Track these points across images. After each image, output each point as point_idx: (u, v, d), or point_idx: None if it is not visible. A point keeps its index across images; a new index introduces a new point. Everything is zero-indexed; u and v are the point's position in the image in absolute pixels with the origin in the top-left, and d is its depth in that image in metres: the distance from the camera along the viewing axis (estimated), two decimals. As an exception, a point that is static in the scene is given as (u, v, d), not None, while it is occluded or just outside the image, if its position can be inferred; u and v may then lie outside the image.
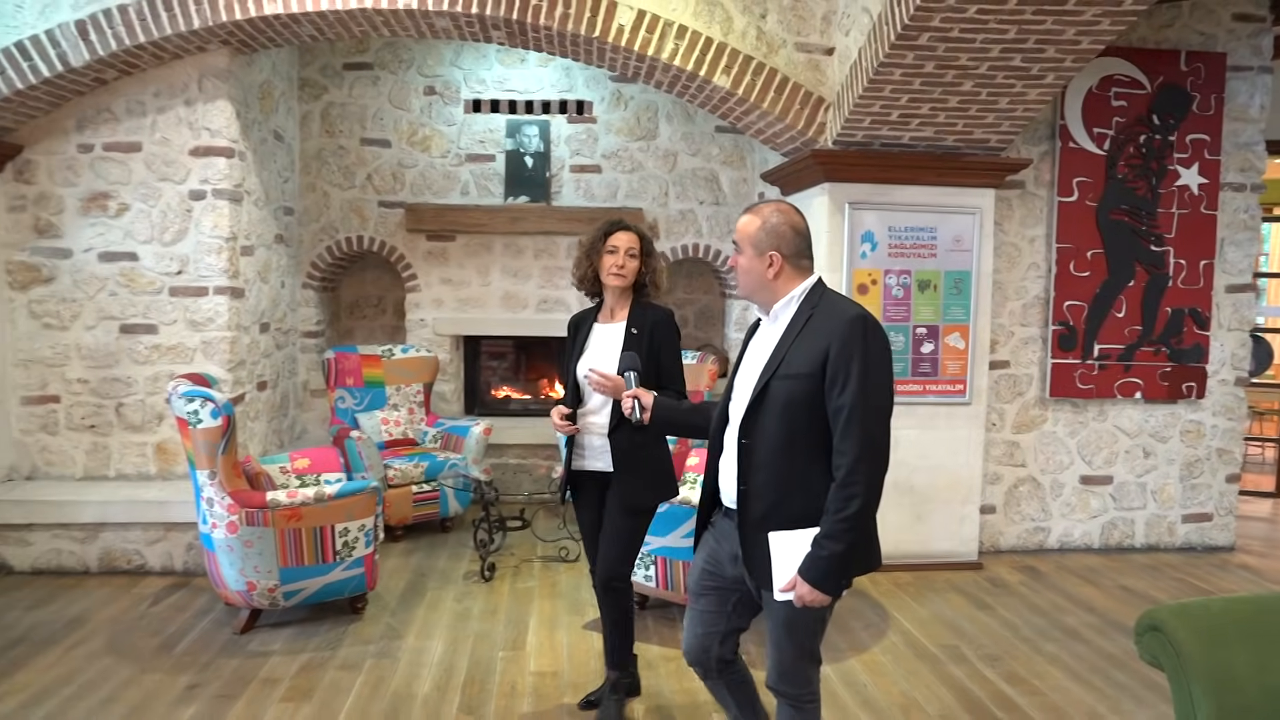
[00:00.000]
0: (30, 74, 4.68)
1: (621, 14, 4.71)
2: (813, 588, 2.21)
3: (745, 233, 2.40)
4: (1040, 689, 3.70)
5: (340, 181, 6.44)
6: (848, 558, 2.21)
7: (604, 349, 3.26)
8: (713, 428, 2.53)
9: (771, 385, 2.29)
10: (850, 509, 2.17)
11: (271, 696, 3.54)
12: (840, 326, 2.23)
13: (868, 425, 2.18)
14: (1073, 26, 3.98)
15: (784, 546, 2.25)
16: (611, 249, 3.25)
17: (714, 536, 2.53)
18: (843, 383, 2.19)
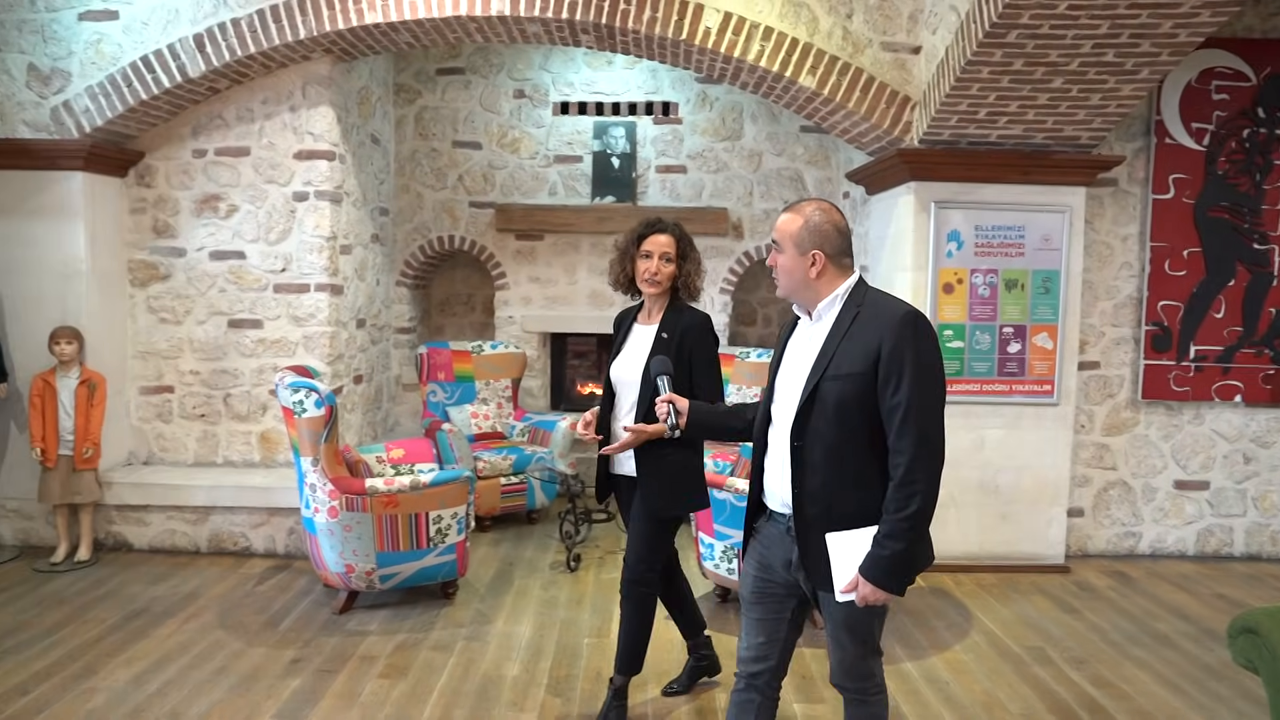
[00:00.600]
0: (153, 85, 4.99)
1: (708, 16, 4.79)
2: (876, 587, 2.20)
3: (787, 231, 2.35)
4: (1128, 694, 3.65)
5: (433, 183, 6.66)
6: (910, 555, 2.20)
7: (637, 352, 3.20)
8: (755, 430, 2.49)
9: (822, 386, 2.25)
10: (911, 507, 2.16)
11: (369, 673, 3.72)
12: (891, 325, 2.20)
13: (924, 423, 2.17)
14: (1170, 20, 3.91)
15: (843, 547, 2.25)
16: (646, 253, 3.17)
17: (761, 543, 2.49)
18: (896, 381, 2.18)
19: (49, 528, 5.23)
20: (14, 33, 5.03)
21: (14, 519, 5.27)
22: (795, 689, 3.62)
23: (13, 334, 5.16)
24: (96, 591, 4.61)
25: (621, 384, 3.23)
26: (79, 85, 5.04)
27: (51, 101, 5.06)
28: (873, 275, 5.65)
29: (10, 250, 5.12)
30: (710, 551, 4.34)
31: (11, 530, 5.28)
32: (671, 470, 3.15)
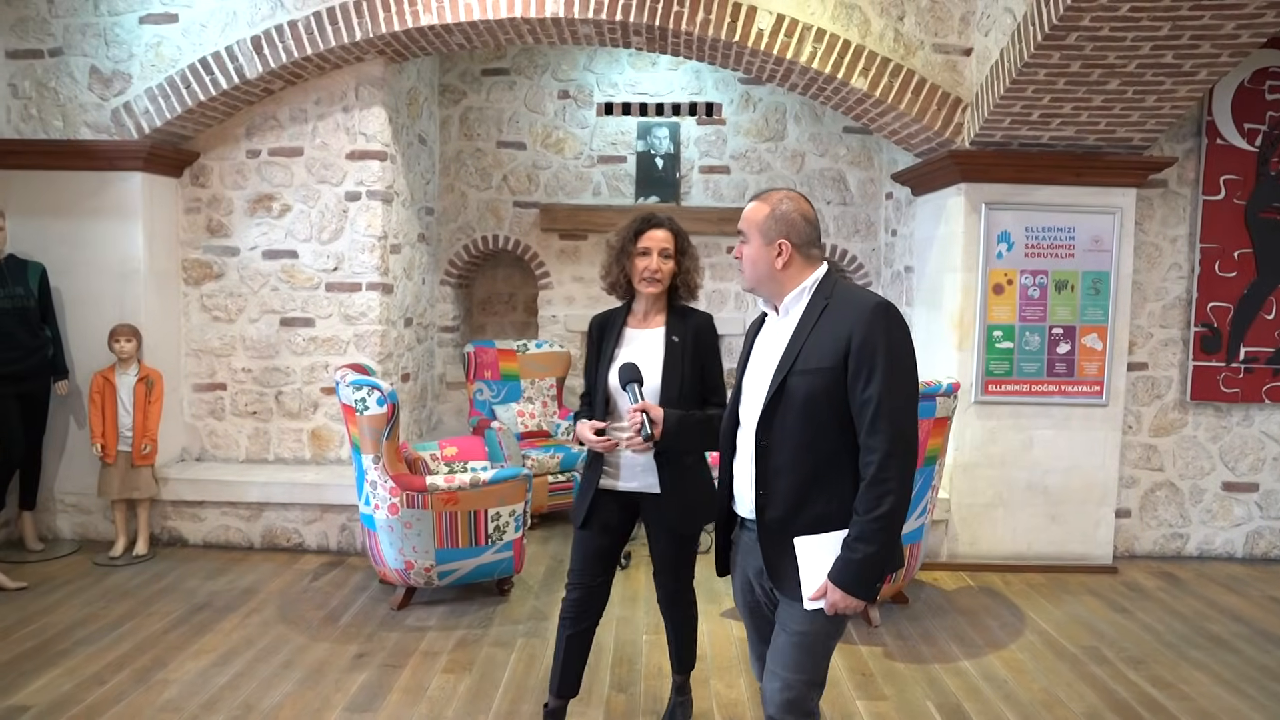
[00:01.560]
0: (211, 87, 5.06)
1: (761, 18, 4.82)
2: (846, 594, 2.10)
3: (753, 220, 2.27)
4: (1189, 694, 3.66)
5: (477, 182, 6.72)
6: (882, 559, 2.10)
7: (642, 358, 2.91)
8: (722, 432, 2.40)
9: (789, 381, 2.16)
10: (883, 507, 2.06)
11: (434, 667, 3.77)
12: (861, 316, 2.11)
13: (896, 419, 2.08)
14: (1233, 21, 3.91)
15: (811, 552, 2.15)
16: (644, 250, 2.95)
17: (740, 554, 2.41)
18: (867, 375, 2.09)
19: (106, 522, 5.32)
20: (77, 36, 5.11)
21: (72, 513, 5.37)
22: (856, 686, 3.66)
23: (71, 332, 5.25)
24: (157, 585, 4.69)
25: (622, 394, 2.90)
26: (139, 87, 5.12)
27: (112, 103, 5.15)
28: (920, 276, 5.67)
29: (70, 250, 5.20)
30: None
31: (70, 525, 5.37)
32: (699, 484, 3.02)
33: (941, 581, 4.94)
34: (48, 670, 3.68)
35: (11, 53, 5.14)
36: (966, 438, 5.07)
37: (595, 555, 3.04)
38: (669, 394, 2.85)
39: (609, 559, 3.08)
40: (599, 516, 3.02)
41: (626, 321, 3.03)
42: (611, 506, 3.02)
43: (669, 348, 2.93)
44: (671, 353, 2.92)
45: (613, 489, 3.01)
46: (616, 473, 2.99)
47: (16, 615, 4.25)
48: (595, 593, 3.07)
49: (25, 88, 5.16)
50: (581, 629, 3.07)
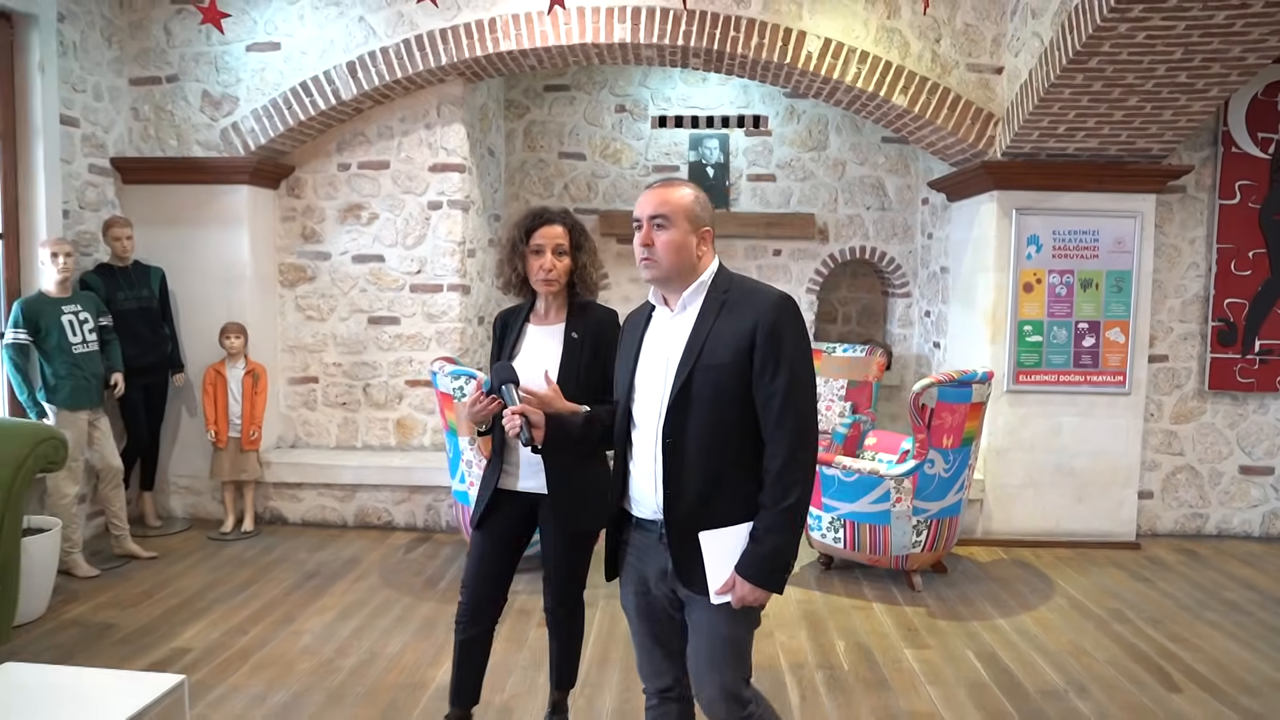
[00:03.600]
0: (310, 107, 5.61)
1: (810, 42, 5.30)
2: (755, 586, 2.10)
3: (680, 204, 2.17)
4: (1202, 648, 4.11)
5: (540, 191, 7.25)
6: (789, 549, 2.11)
7: (541, 354, 2.87)
8: (617, 433, 2.34)
9: (695, 376, 2.13)
10: (790, 498, 2.08)
11: (529, 623, 4.29)
12: (765, 310, 2.12)
13: (802, 411, 2.10)
14: (1239, 45, 4.34)
15: (716, 546, 2.14)
16: (536, 248, 2.83)
17: (635, 555, 2.33)
18: (773, 369, 2.09)
19: (214, 502, 5.89)
20: (191, 64, 5.68)
21: (184, 494, 5.94)
22: (903, 638, 4.14)
23: (184, 330, 5.81)
24: (268, 557, 5.24)
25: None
26: (245, 109, 5.68)
27: (221, 123, 5.71)
28: (955, 276, 6.12)
29: (184, 255, 5.77)
30: (818, 523, 4.85)
31: (181, 504, 5.94)
32: (593, 484, 2.87)
33: (976, 555, 5.40)
34: (196, 622, 4.24)
35: (134, 80, 5.72)
36: (999, 424, 5.52)
37: (488, 559, 2.95)
38: (566, 392, 2.62)
39: (503, 563, 2.98)
40: (494, 519, 2.93)
41: (529, 318, 2.95)
42: (508, 508, 2.92)
43: (568, 345, 2.86)
44: (570, 350, 2.85)
45: (511, 489, 2.91)
46: (515, 471, 2.90)
47: (154, 579, 4.81)
48: (487, 599, 2.98)
49: (145, 111, 5.74)
50: (473, 635, 3.00)
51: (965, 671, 3.82)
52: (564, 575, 3.02)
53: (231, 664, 3.81)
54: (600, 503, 2.80)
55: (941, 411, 4.56)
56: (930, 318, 6.81)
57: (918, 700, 3.55)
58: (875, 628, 4.26)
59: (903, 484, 4.58)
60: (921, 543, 4.65)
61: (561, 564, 3.00)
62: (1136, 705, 3.54)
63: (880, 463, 4.80)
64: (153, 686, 2.79)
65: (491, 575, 2.98)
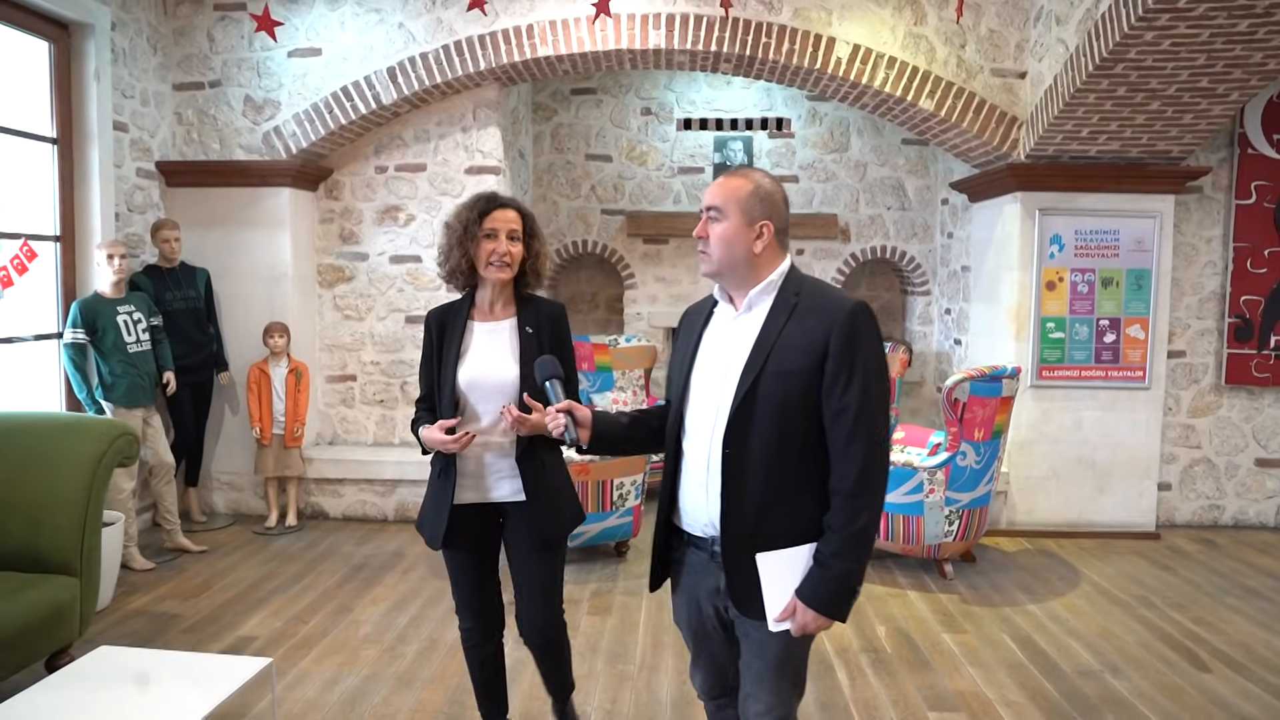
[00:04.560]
0: (351, 112, 5.76)
1: (839, 48, 5.46)
2: (818, 614, 1.97)
3: (733, 195, 2.05)
4: (1227, 631, 4.28)
5: (567, 192, 7.40)
6: (858, 576, 1.98)
7: (491, 353, 2.68)
8: (667, 438, 2.17)
9: (761, 384, 1.98)
10: (861, 520, 1.94)
11: (579, 611, 4.44)
12: (840, 316, 1.97)
13: (875, 427, 1.95)
14: (1261, 51, 4.51)
15: (775, 569, 2.00)
16: (490, 232, 2.63)
17: (687, 574, 2.19)
18: (846, 380, 1.94)
19: (256, 498, 6.04)
20: (234, 70, 5.83)
21: (227, 490, 6.09)
22: (940, 623, 4.30)
23: (228, 329, 5.95)
24: (315, 551, 5.39)
25: (479, 392, 2.65)
26: (287, 113, 5.82)
27: (263, 127, 5.86)
28: (977, 274, 6.29)
29: (228, 257, 5.92)
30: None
31: (224, 500, 6.09)
32: (564, 486, 2.79)
33: (1002, 545, 5.57)
34: (256, 612, 4.39)
35: (178, 85, 5.86)
36: (1023, 418, 5.69)
37: (471, 573, 2.81)
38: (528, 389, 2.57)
39: (488, 574, 2.84)
40: (459, 534, 2.72)
41: (471, 315, 2.73)
42: (469, 523, 2.72)
43: (524, 340, 2.67)
44: (528, 346, 2.65)
45: (473, 503, 2.71)
46: (479, 483, 2.70)
47: (208, 572, 4.96)
48: (491, 610, 2.87)
49: (188, 115, 5.89)
50: (488, 651, 2.92)
51: (1003, 653, 3.98)
52: (543, 597, 2.76)
53: (298, 651, 3.96)
54: (573, 505, 2.79)
55: (973, 405, 4.73)
56: (951, 315, 6.98)
57: (961, 680, 3.72)
58: (913, 613, 4.42)
59: (935, 475, 4.74)
60: (953, 532, 4.82)
61: (538, 583, 2.75)
62: (1169, 684, 3.71)
63: (912, 455, 4.97)
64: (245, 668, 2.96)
65: (482, 588, 2.82)
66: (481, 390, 2.64)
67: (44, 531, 3.52)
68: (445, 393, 2.66)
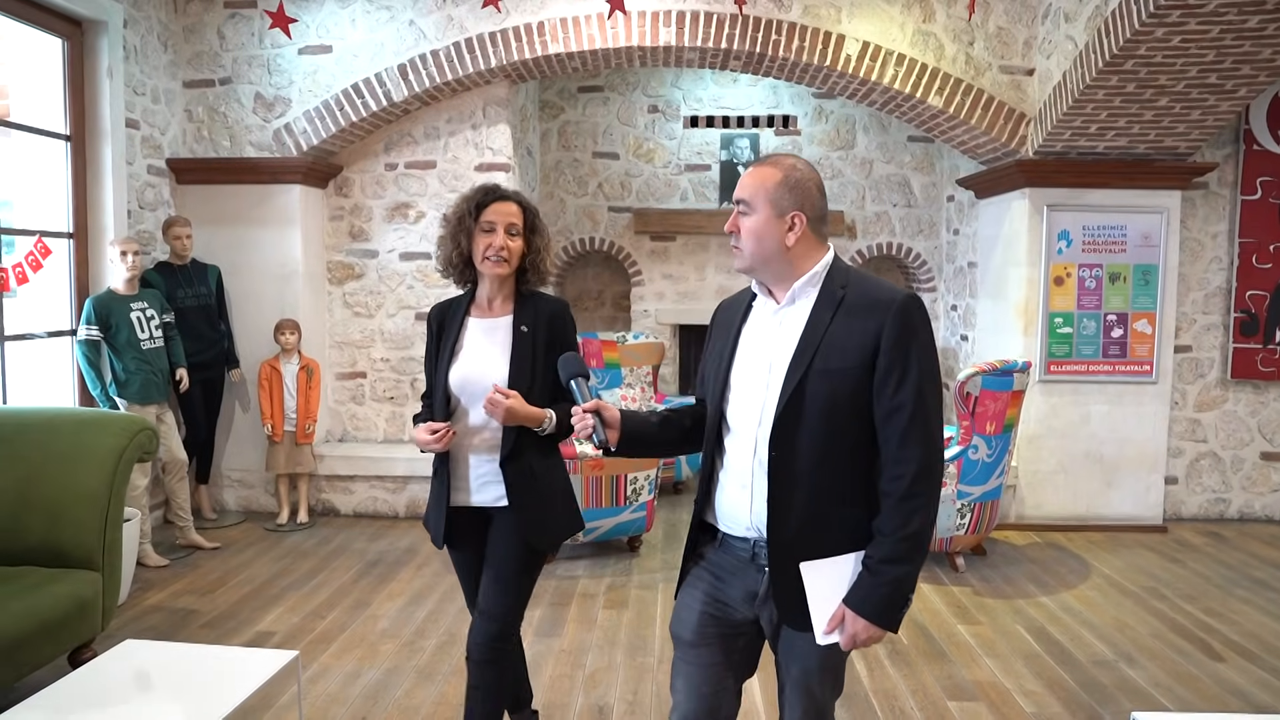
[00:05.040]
0: (362, 109, 5.77)
1: (849, 45, 5.49)
2: (870, 624, 1.86)
3: (762, 186, 1.93)
4: (1238, 621, 4.32)
5: (575, 190, 7.43)
6: (911, 582, 1.88)
7: (485, 351, 2.59)
8: (707, 437, 2.08)
9: (809, 382, 1.87)
10: (914, 524, 1.84)
11: (594, 605, 4.47)
12: (892, 311, 1.86)
13: (930, 427, 1.86)
14: (1270, 47, 4.54)
15: (820, 579, 1.90)
16: (488, 225, 2.53)
17: (714, 573, 2.07)
18: (899, 378, 1.84)
19: (266, 495, 6.05)
20: (244, 67, 5.84)
21: (237, 488, 6.10)
22: (954, 615, 4.33)
23: (238, 326, 5.96)
24: (328, 547, 5.40)
25: (469, 392, 2.56)
26: (298, 110, 5.83)
27: (274, 125, 5.87)
28: (984, 270, 6.32)
29: (238, 254, 5.92)
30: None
31: (235, 497, 6.10)
32: (559, 492, 2.68)
33: (1012, 539, 5.61)
34: (273, 608, 4.41)
35: (188, 82, 5.87)
36: (1031, 412, 5.72)
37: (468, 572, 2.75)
38: (519, 391, 2.48)
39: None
40: (464, 535, 2.67)
41: (469, 311, 2.66)
42: (465, 523, 2.66)
43: (518, 339, 2.57)
44: (520, 345, 2.56)
45: (465, 505, 2.64)
46: (465, 485, 2.62)
47: (223, 569, 4.97)
48: None
49: (199, 113, 5.89)
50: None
51: (1018, 644, 4.01)
52: (507, 604, 2.62)
53: (317, 646, 3.98)
54: (567, 514, 2.68)
55: (985, 399, 4.76)
56: (957, 311, 7.01)
57: (978, 670, 3.75)
58: (927, 605, 4.45)
59: (948, 469, 4.77)
60: (965, 525, 4.85)
61: (508, 588, 2.62)
62: (1184, 673, 3.75)
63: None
64: (271, 661, 2.97)
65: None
66: (472, 390, 2.55)
67: (66, 527, 3.53)
68: (438, 391, 2.60)
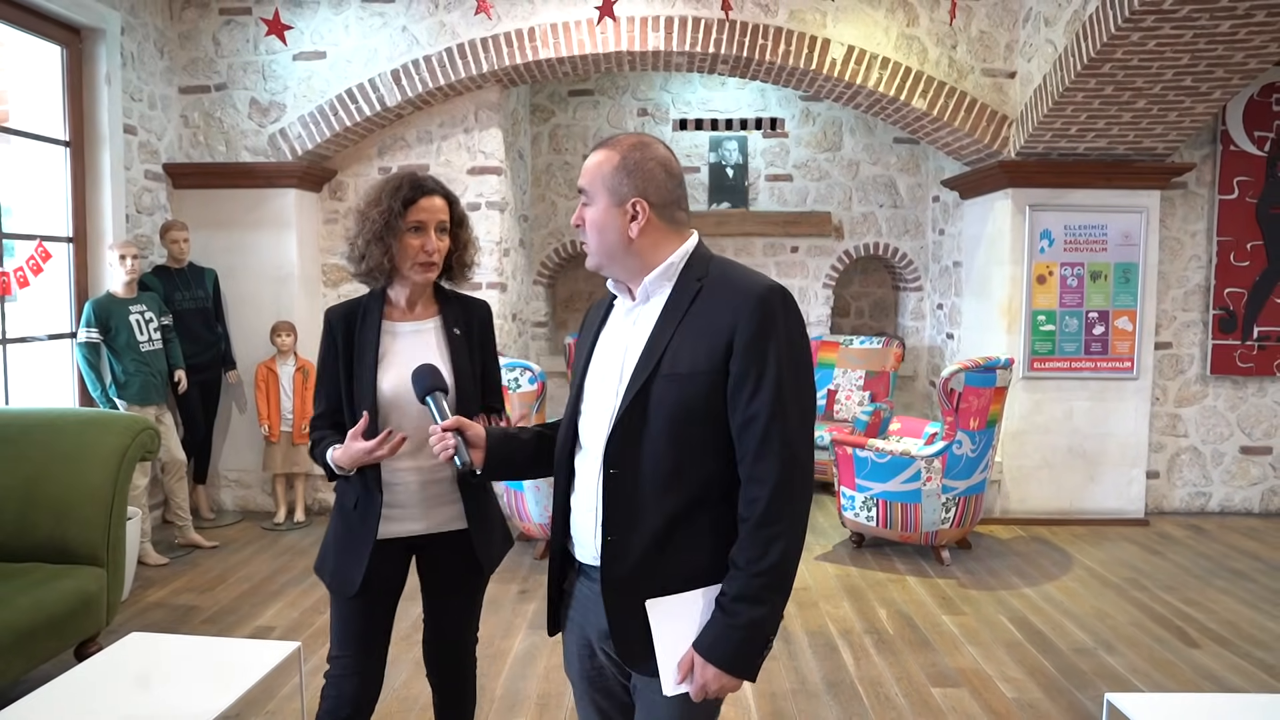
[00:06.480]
0: (356, 113, 5.86)
1: (834, 49, 5.60)
2: (721, 672, 1.58)
3: (598, 173, 1.70)
4: (1215, 610, 4.43)
5: (566, 192, 7.52)
6: (770, 623, 1.59)
7: (418, 356, 2.24)
8: (557, 454, 1.82)
9: (652, 389, 1.63)
10: (772, 556, 1.56)
11: (588, 598, 4.56)
12: (747, 305, 1.61)
13: (790, 441, 1.58)
14: (1242, 52, 4.67)
15: (669, 618, 1.64)
16: (417, 224, 2.23)
17: (577, 609, 1.82)
18: (755, 383, 1.59)
19: (263, 495, 6.13)
20: (239, 73, 5.92)
21: (235, 488, 6.17)
22: (939, 606, 4.44)
23: (234, 329, 6.03)
24: (324, 543, 5.48)
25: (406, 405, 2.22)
26: (292, 115, 5.91)
27: (269, 130, 5.95)
28: (968, 269, 6.44)
29: (235, 257, 6.00)
30: (851, 502, 5.15)
31: (232, 497, 6.18)
32: (492, 511, 2.44)
33: (996, 532, 5.72)
34: (272, 604, 4.49)
35: (184, 88, 5.95)
36: (1015, 409, 5.84)
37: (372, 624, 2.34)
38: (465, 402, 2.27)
39: (388, 626, 2.41)
40: (381, 574, 2.29)
41: (384, 314, 2.32)
42: (383, 561, 2.29)
43: (454, 343, 2.32)
44: (458, 351, 2.31)
45: (398, 536, 2.29)
46: (407, 513, 2.28)
47: (222, 567, 5.06)
48: (372, 677, 2.38)
49: (194, 118, 5.97)
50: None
51: (1000, 633, 4.12)
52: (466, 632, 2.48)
53: (317, 640, 4.06)
54: (503, 529, 2.47)
55: (969, 395, 4.87)
56: (943, 310, 7.13)
57: (961, 658, 3.85)
58: (912, 597, 4.56)
59: (933, 464, 4.88)
60: (950, 519, 4.96)
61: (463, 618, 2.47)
62: (1161, 659, 3.86)
63: (909, 445, 5.10)
64: (274, 652, 3.05)
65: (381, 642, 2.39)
66: (409, 402, 2.16)
67: (71, 524, 3.62)
68: (363, 406, 2.21)
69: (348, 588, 2.27)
